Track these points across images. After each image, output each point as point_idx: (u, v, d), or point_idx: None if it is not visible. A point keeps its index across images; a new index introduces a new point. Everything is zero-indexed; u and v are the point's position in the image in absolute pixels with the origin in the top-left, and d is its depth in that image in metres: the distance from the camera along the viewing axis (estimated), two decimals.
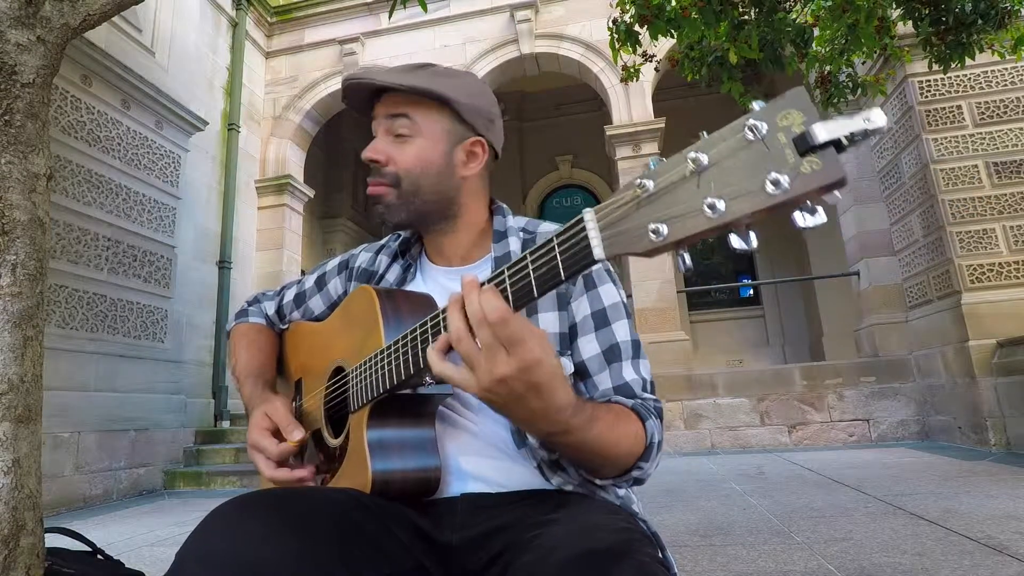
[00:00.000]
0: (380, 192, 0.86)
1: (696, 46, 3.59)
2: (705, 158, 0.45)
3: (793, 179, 0.40)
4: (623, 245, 0.49)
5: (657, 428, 0.73)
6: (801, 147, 0.40)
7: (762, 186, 0.41)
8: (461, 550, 0.71)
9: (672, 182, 0.46)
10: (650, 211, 0.47)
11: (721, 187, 0.44)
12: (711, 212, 0.43)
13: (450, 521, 0.74)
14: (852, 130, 0.39)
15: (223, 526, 0.58)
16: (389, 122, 0.86)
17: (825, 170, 0.39)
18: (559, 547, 0.58)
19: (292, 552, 0.57)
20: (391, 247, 0.99)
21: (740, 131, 0.43)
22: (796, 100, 0.42)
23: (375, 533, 0.67)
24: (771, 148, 0.42)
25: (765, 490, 3.45)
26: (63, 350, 4.18)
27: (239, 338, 1.04)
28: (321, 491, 0.72)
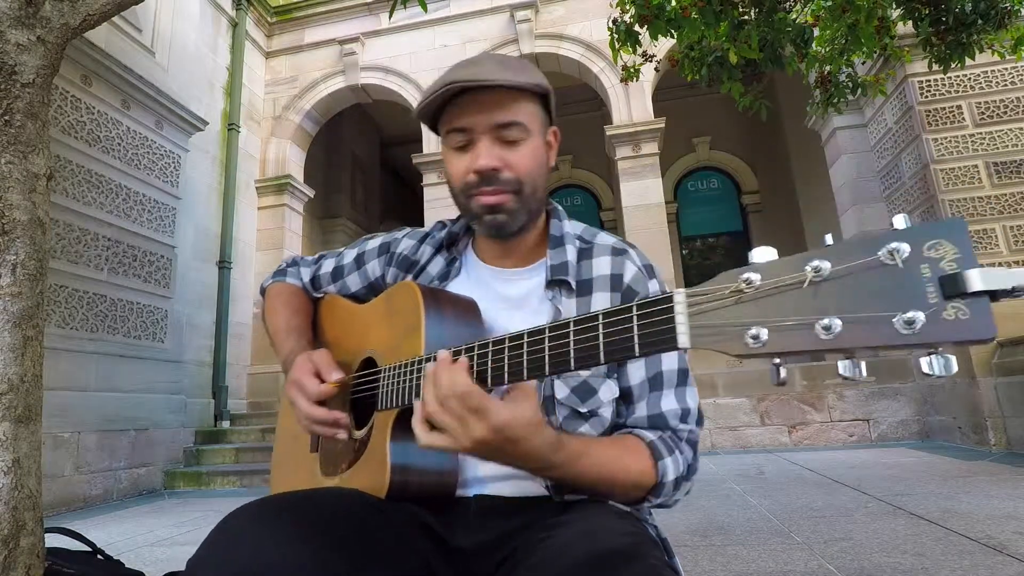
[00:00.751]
0: (502, 200, 0.78)
1: (696, 46, 3.59)
2: (827, 269, 0.40)
3: (931, 322, 0.35)
4: (712, 340, 0.44)
5: (674, 464, 0.72)
6: (948, 289, 0.35)
7: (891, 320, 0.36)
8: (473, 554, 0.71)
9: (783, 285, 0.41)
10: (751, 311, 0.42)
11: (841, 307, 0.39)
12: (824, 333, 0.39)
13: (463, 524, 0.73)
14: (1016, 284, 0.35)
15: (236, 533, 0.58)
16: (497, 128, 0.78)
17: (972, 322, 0.35)
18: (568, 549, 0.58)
19: (304, 559, 0.57)
20: (436, 237, 0.95)
21: (876, 250, 0.38)
22: (952, 231, 0.37)
23: (387, 538, 0.67)
24: (910, 279, 0.37)
25: (765, 490, 3.45)
26: (63, 350, 4.18)
27: (277, 296, 1.02)
28: (333, 495, 0.71)
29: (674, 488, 0.73)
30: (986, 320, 0.35)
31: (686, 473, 0.74)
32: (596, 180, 10.75)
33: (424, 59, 7.38)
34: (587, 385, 0.77)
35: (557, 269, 0.83)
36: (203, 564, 0.56)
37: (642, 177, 6.58)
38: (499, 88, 0.77)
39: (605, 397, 0.78)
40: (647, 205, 6.49)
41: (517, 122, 0.78)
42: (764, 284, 0.42)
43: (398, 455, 0.72)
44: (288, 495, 0.68)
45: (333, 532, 0.62)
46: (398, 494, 0.71)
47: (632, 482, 0.70)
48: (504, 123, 0.78)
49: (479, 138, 0.78)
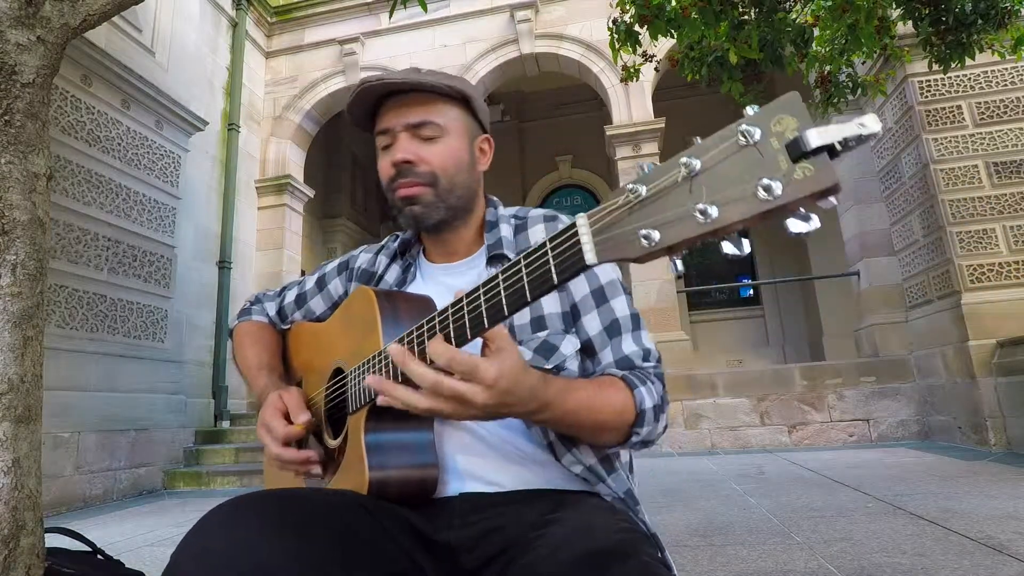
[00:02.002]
0: (417, 192, 0.85)
1: (696, 46, 3.59)
2: (698, 163, 0.44)
3: (786, 185, 0.40)
4: (615, 250, 0.49)
5: (651, 393, 0.75)
6: (794, 153, 0.40)
7: (754, 192, 0.41)
8: (458, 550, 0.71)
9: (664, 187, 0.46)
10: (642, 216, 0.47)
11: (713, 193, 0.43)
12: (702, 218, 0.43)
13: (447, 521, 0.74)
14: (846, 135, 0.39)
15: (220, 526, 0.59)
16: (411, 127, 0.86)
17: (818, 176, 0.39)
18: (561, 547, 0.58)
19: (288, 553, 0.57)
20: (390, 247, 1.00)
21: (733, 136, 0.43)
22: (790, 106, 0.41)
23: (372, 534, 0.67)
24: (764, 154, 0.41)
25: (765, 490, 3.45)
26: (63, 350, 4.18)
27: (244, 336, 1.05)
28: (318, 492, 0.72)
29: (654, 418, 0.75)
30: (829, 172, 0.39)
31: (660, 403, 0.76)
32: (596, 180, 10.75)
33: (424, 59, 7.38)
34: (548, 343, 0.81)
35: (494, 247, 0.89)
36: (184, 554, 0.57)
37: None
38: (415, 92, 0.86)
39: (567, 351, 0.82)
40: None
41: (431, 121, 0.85)
42: (648, 191, 0.47)
43: (375, 450, 0.73)
44: (275, 491, 0.69)
45: (319, 527, 0.62)
46: (379, 489, 0.72)
47: (616, 412, 0.72)
48: (418, 122, 0.85)
49: (397, 137, 0.86)
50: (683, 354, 6.06)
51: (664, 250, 0.46)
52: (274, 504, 0.63)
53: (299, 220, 7.76)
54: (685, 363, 6.03)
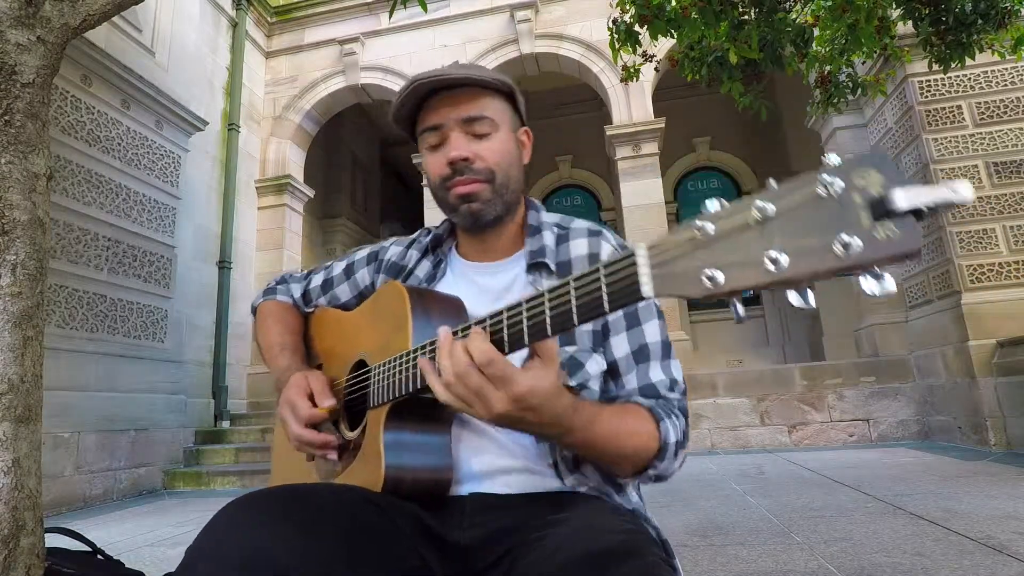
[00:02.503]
0: (475, 189, 0.84)
1: (696, 46, 3.58)
2: (772, 208, 0.43)
3: (866, 243, 0.38)
4: (674, 286, 0.47)
5: (674, 428, 0.74)
6: (877, 211, 0.38)
7: (830, 246, 0.39)
8: (468, 550, 0.71)
9: (733, 228, 0.44)
10: (706, 255, 0.45)
11: (786, 241, 0.42)
12: (772, 266, 0.41)
13: (458, 521, 0.74)
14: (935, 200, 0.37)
15: (233, 524, 0.59)
16: (465, 122, 0.84)
17: (902, 239, 0.37)
18: (565, 546, 0.58)
19: (300, 551, 0.57)
20: (422, 242, 0.99)
21: (812, 185, 0.41)
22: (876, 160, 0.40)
23: (383, 532, 0.67)
24: (844, 207, 0.40)
25: (765, 490, 3.45)
26: (63, 350, 4.18)
27: (267, 315, 1.04)
28: (330, 489, 0.72)
29: (674, 453, 0.74)
30: (913, 235, 0.37)
31: (682, 439, 0.75)
32: (596, 180, 10.75)
33: (424, 59, 7.38)
34: (575, 360, 0.80)
35: (536, 254, 0.87)
36: (199, 552, 0.57)
37: (642, 177, 6.58)
38: (465, 86, 0.84)
39: (593, 371, 0.80)
40: (647, 205, 6.49)
41: (484, 116, 0.84)
42: (716, 229, 0.45)
43: (392, 448, 0.73)
44: (286, 487, 0.69)
45: (329, 524, 0.62)
46: (393, 487, 0.72)
47: (641, 444, 0.71)
48: (472, 117, 0.84)
49: (450, 133, 0.84)
50: (683, 354, 6.05)
51: (727, 293, 0.44)
52: (286, 502, 0.63)
53: (299, 220, 7.76)
54: (685, 363, 6.02)
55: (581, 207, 10.80)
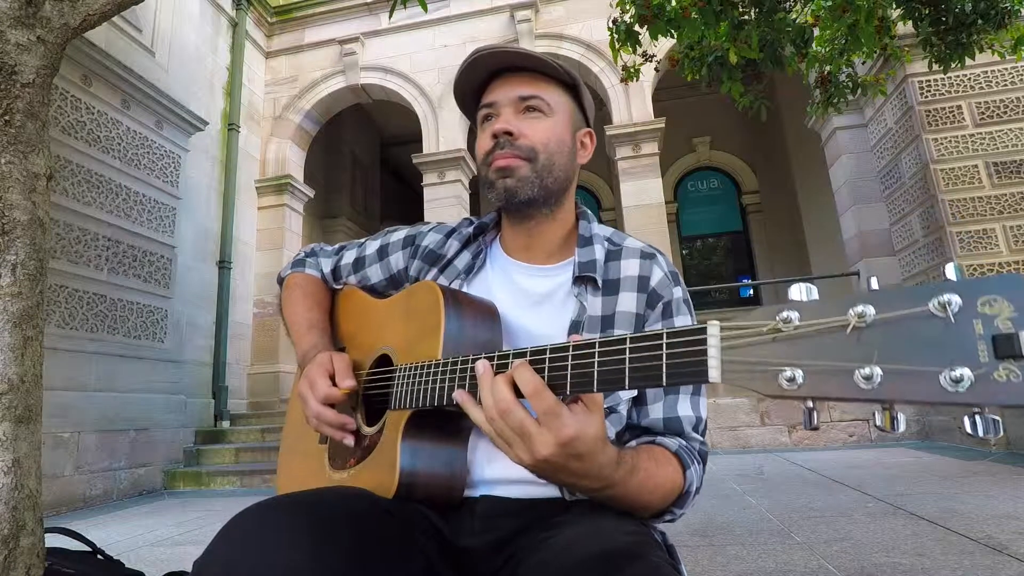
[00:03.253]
0: (513, 164, 0.81)
1: (696, 46, 3.58)
2: (872, 315, 0.38)
3: (980, 382, 0.34)
4: (744, 377, 0.43)
5: (697, 476, 0.73)
6: (1002, 350, 0.33)
7: (937, 375, 0.35)
8: (477, 555, 0.71)
9: (823, 328, 0.39)
10: (787, 350, 0.41)
11: (884, 355, 0.37)
12: (864, 382, 0.37)
13: (469, 526, 0.74)
14: None
15: (243, 534, 0.59)
16: (519, 100, 0.83)
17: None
18: (571, 548, 0.58)
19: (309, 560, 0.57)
20: (463, 232, 0.95)
21: (926, 300, 0.36)
22: (1009, 287, 0.35)
23: (393, 540, 0.67)
24: (960, 335, 0.35)
25: (765, 490, 3.45)
26: (63, 350, 4.18)
27: (296, 288, 1.01)
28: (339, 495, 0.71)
29: (691, 499, 0.74)
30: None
31: (700, 485, 0.75)
32: (596, 180, 10.75)
33: (424, 59, 7.38)
34: None
35: (585, 266, 0.84)
36: (209, 565, 0.57)
37: (642, 177, 6.58)
38: (528, 70, 0.83)
39: (624, 395, 0.78)
40: (647, 205, 6.49)
41: (539, 96, 0.82)
42: (803, 324, 0.40)
43: (408, 457, 0.72)
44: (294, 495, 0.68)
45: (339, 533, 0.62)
46: (405, 493, 0.71)
47: (667, 493, 0.70)
48: (525, 96, 0.82)
49: (501, 110, 0.83)
50: None
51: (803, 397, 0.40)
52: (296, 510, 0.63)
53: (299, 220, 7.76)
54: None
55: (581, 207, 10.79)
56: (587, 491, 0.63)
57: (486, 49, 0.82)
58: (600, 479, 0.60)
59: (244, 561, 0.56)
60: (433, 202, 6.95)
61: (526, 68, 0.84)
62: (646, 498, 0.68)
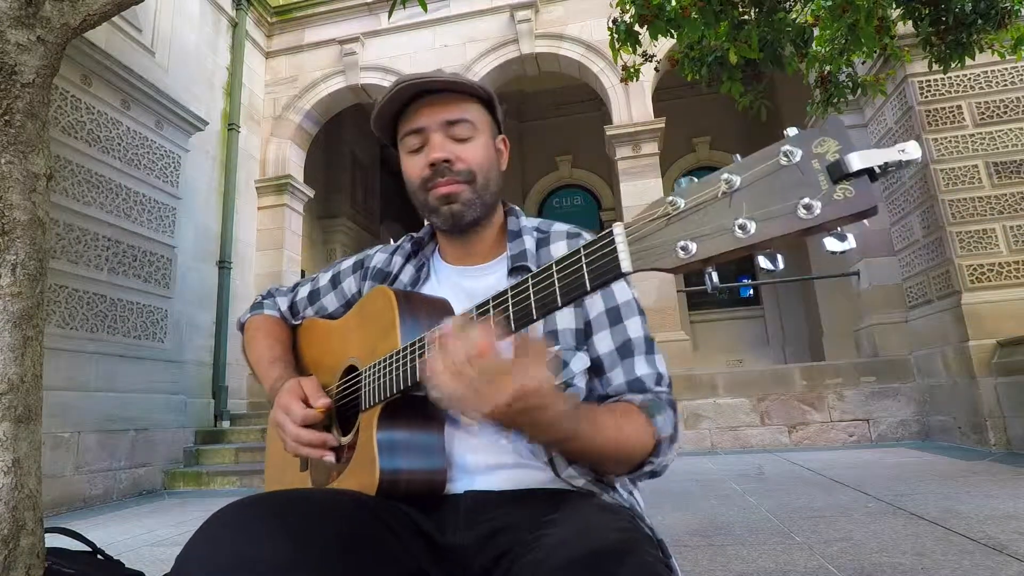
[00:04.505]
0: (456, 190, 0.85)
1: (696, 46, 3.59)
2: (738, 180, 0.45)
3: (825, 204, 0.41)
4: (651, 260, 0.49)
5: (668, 423, 0.75)
6: (835, 174, 0.41)
7: (794, 210, 0.42)
8: (465, 551, 0.71)
9: (703, 201, 0.47)
10: (680, 228, 0.48)
11: (752, 209, 0.44)
12: (741, 232, 0.44)
13: (454, 521, 0.74)
14: (886, 160, 0.40)
15: (224, 529, 0.59)
16: (447, 125, 0.86)
17: (857, 197, 0.40)
18: (562, 546, 0.58)
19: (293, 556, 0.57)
20: (404, 248, 1.00)
21: (775, 156, 0.44)
22: (832, 129, 0.43)
23: (377, 537, 0.67)
24: (805, 173, 0.42)
25: (765, 490, 3.45)
26: (63, 350, 4.18)
27: (256, 330, 1.05)
28: (324, 494, 0.72)
29: (668, 447, 0.74)
30: (869, 194, 0.40)
31: (674, 432, 0.76)
32: (596, 180, 10.76)
33: (424, 59, 7.38)
34: (558, 359, 0.80)
35: (517, 258, 0.88)
36: (187, 560, 0.57)
37: (642, 177, 6.58)
38: (447, 92, 0.87)
39: (577, 368, 0.81)
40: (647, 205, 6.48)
41: (465, 119, 0.87)
42: (687, 204, 0.48)
43: (386, 448, 0.73)
44: (278, 492, 0.68)
45: (322, 529, 0.62)
46: (389, 488, 0.72)
47: (639, 443, 0.72)
48: (453, 120, 0.86)
49: (431, 136, 0.86)
50: (683, 354, 6.06)
51: (700, 262, 0.46)
52: (279, 507, 0.63)
53: (299, 220, 7.76)
54: (685, 363, 6.02)
55: (581, 207, 10.81)
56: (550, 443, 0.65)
57: (411, 78, 0.85)
58: (562, 429, 0.62)
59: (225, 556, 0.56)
60: None
61: (444, 89, 0.87)
62: (616, 448, 0.70)
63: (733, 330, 9.66)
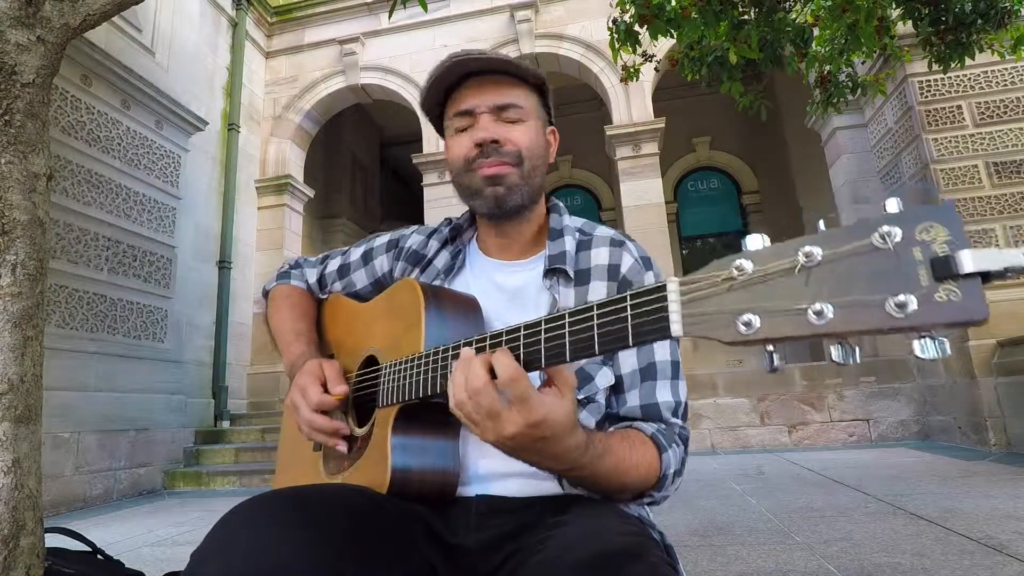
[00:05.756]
0: (503, 171, 0.82)
1: (696, 46, 3.59)
2: (819, 254, 0.40)
3: (922, 304, 0.35)
4: (705, 328, 0.44)
5: (675, 459, 0.73)
6: (939, 272, 0.35)
7: (883, 304, 0.37)
8: (474, 552, 0.71)
9: (775, 272, 0.41)
10: (743, 297, 0.43)
11: (833, 293, 0.39)
12: (816, 318, 0.39)
13: (465, 523, 0.74)
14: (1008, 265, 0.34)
15: (239, 526, 0.59)
16: (497, 108, 0.83)
17: (965, 304, 0.35)
18: (571, 548, 0.58)
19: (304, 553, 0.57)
20: (442, 233, 0.97)
21: (869, 234, 0.38)
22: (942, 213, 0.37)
23: (389, 535, 0.67)
24: (903, 262, 0.37)
25: (765, 490, 3.45)
26: (63, 350, 4.18)
27: (282, 298, 1.02)
28: (337, 490, 0.71)
29: (671, 482, 0.73)
30: (978, 301, 0.34)
31: (680, 468, 0.75)
32: (596, 180, 10.75)
33: (424, 59, 7.38)
34: (584, 372, 0.78)
35: (555, 259, 0.85)
36: (204, 557, 0.57)
37: (642, 177, 6.58)
38: (500, 73, 0.84)
39: (601, 384, 0.79)
40: (647, 205, 6.49)
41: (516, 104, 0.84)
42: (755, 271, 0.42)
43: (399, 451, 0.73)
44: (291, 490, 0.68)
45: (334, 528, 0.62)
46: (400, 489, 0.72)
47: (642, 476, 0.70)
48: (504, 104, 0.83)
49: (480, 117, 0.83)
50: (683, 354, 6.02)
51: (762, 341, 0.42)
52: (292, 503, 0.63)
53: (299, 220, 7.76)
54: (685, 363, 5.99)
55: (581, 207, 10.80)
56: (554, 471, 0.64)
57: (464, 54, 0.82)
58: (566, 461, 0.61)
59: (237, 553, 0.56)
60: (433, 202, 6.95)
61: (496, 71, 0.84)
62: (619, 480, 0.68)
63: None
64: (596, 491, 0.71)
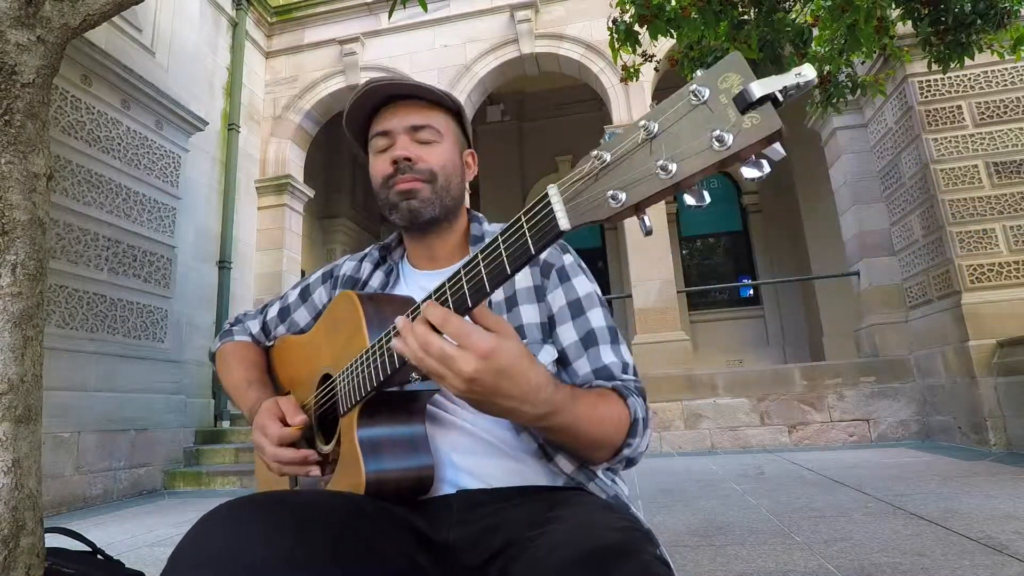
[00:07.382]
0: (415, 187, 0.89)
1: (696, 46, 3.59)
2: (655, 125, 0.48)
3: (736, 134, 0.43)
4: (586, 214, 0.51)
5: (640, 405, 0.76)
6: (741, 105, 0.43)
7: (709, 144, 0.44)
8: (458, 548, 0.71)
9: (627, 151, 0.49)
10: (609, 180, 0.50)
11: (672, 150, 0.46)
12: (664, 174, 0.46)
13: (446, 519, 0.74)
14: (785, 84, 0.43)
15: (218, 527, 0.59)
16: (412, 129, 0.90)
17: (764, 123, 0.43)
18: (562, 545, 0.58)
19: (285, 554, 0.57)
20: (373, 254, 1.03)
21: (685, 97, 0.46)
22: (733, 65, 0.45)
23: (370, 534, 0.67)
24: (714, 109, 0.45)
25: (765, 490, 3.45)
26: (63, 350, 4.18)
27: (228, 357, 1.06)
28: (317, 493, 0.72)
29: (643, 430, 0.75)
30: (773, 118, 0.42)
31: (646, 415, 0.77)
32: None
33: (424, 59, 7.38)
34: None
35: None
36: (181, 556, 0.57)
37: None
38: (415, 99, 0.92)
39: (545, 359, 0.82)
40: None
41: (430, 125, 0.91)
42: (612, 155, 0.50)
43: (368, 448, 0.73)
44: (273, 493, 0.68)
45: (313, 527, 0.62)
46: (376, 489, 0.72)
47: (616, 423, 0.72)
48: (419, 125, 0.91)
49: (397, 137, 0.91)
50: (683, 354, 6.06)
51: (631, 208, 0.49)
52: (271, 506, 0.63)
53: (299, 220, 7.76)
54: (685, 363, 6.02)
55: None
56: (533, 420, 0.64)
57: (380, 80, 0.90)
58: (539, 402, 0.62)
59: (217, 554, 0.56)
60: None
61: (413, 96, 0.92)
62: (597, 428, 0.70)
63: (733, 330, 9.66)
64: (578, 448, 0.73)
